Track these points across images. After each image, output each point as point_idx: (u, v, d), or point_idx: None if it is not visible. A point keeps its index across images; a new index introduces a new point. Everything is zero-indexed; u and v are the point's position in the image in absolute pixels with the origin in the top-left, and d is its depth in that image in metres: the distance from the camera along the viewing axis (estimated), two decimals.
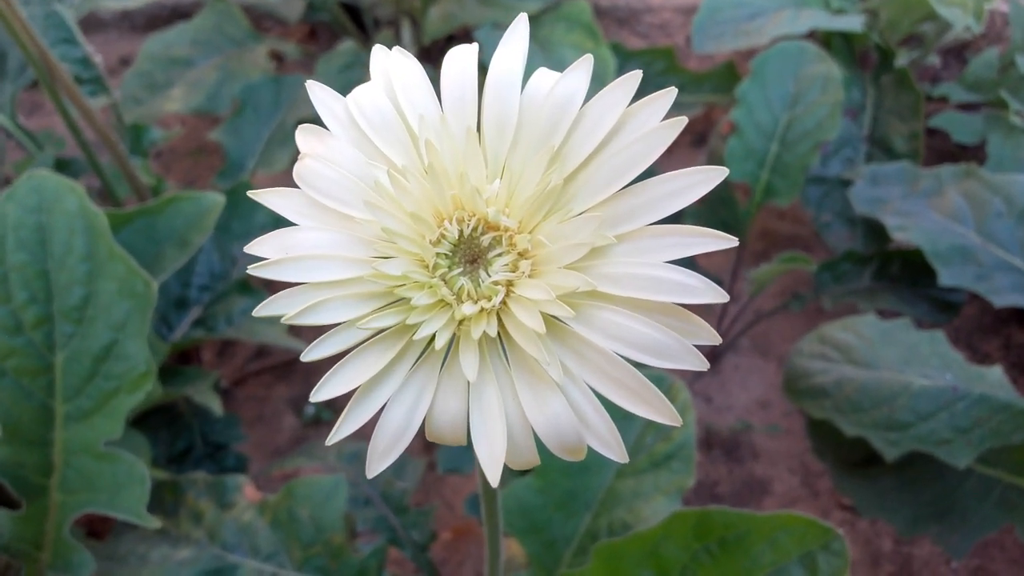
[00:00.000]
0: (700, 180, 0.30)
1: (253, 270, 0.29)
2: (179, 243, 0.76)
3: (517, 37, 0.31)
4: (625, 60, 1.27)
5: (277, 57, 1.32)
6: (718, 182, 0.30)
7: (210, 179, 1.27)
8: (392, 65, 0.32)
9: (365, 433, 0.31)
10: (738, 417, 1.05)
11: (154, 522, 0.67)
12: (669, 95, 0.30)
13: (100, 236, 0.67)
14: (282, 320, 0.29)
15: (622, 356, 0.30)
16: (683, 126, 0.29)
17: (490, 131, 0.31)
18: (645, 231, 0.30)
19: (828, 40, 1.21)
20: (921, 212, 0.96)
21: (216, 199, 0.76)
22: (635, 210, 0.30)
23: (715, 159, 1.04)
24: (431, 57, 1.34)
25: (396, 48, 0.32)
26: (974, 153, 1.24)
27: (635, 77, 0.30)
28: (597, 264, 0.30)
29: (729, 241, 0.29)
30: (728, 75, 1.27)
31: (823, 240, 1.09)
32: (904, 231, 0.93)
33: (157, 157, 1.30)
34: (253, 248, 0.31)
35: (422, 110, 0.31)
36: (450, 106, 0.31)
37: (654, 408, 0.30)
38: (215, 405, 0.83)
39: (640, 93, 0.99)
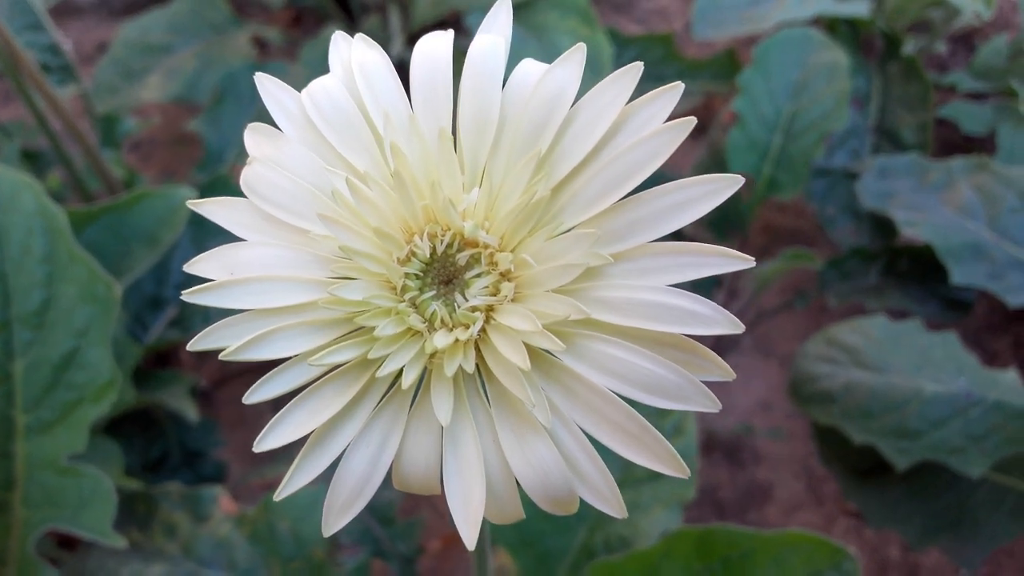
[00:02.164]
0: (711, 190, 0.25)
1: (188, 296, 0.25)
2: (149, 241, 0.71)
3: (499, 21, 0.27)
4: (622, 47, 1.22)
5: (260, 43, 1.27)
6: (732, 192, 0.26)
7: (190, 171, 1.22)
8: (354, 55, 0.27)
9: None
10: (739, 419, 1.01)
11: (120, 541, 0.63)
12: (675, 90, 0.25)
13: (60, 236, 0.63)
14: (220, 356, 0.25)
15: (619, 395, 0.25)
16: (691, 127, 0.25)
17: (467, 132, 0.26)
18: (647, 249, 0.26)
19: (833, 26, 1.16)
20: (931, 206, 0.92)
21: (187, 195, 0.72)
22: (635, 225, 0.26)
23: (715, 151, 1.00)
24: None
25: (359, 35, 0.28)
26: (982, 144, 1.20)
27: (635, 69, 0.25)
28: (591, 287, 0.26)
29: (746, 261, 0.25)
30: (728, 63, 1.22)
31: (827, 235, 1.05)
32: (914, 226, 0.89)
33: (135, 148, 1.25)
34: (193, 267, 0.27)
35: (388, 107, 0.27)
36: (421, 103, 0.27)
37: (657, 456, 0.25)
38: (190, 412, 0.79)
39: (637, 81, 0.93)
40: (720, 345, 1.06)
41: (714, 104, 1.29)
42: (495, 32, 0.27)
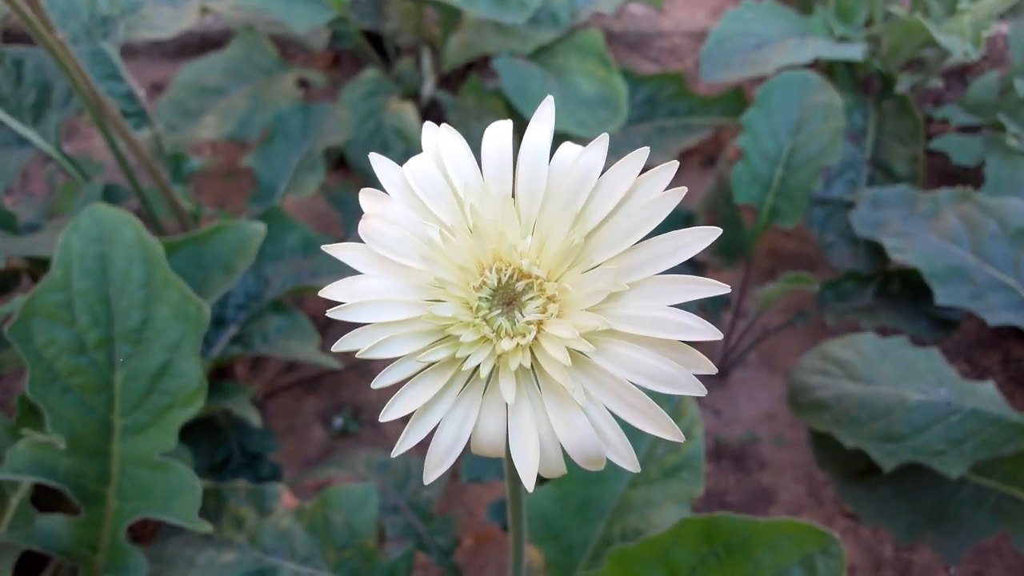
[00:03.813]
0: (697, 239, 0.35)
1: (332, 313, 0.35)
2: (225, 269, 0.82)
3: (544, 119, 0.37)
4: (636, 85, 1.33)
5: (303, 84, 1.38)
6: (713, 239, 0.35)
7: (240, 201, 1.33)
8: (441, 139, 0.38)
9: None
10: (746, 429, 1.10)
11: (206, 526, 0.73)
12: (671, 168, 0.35)
13: (156, 264, 0.73)
14: (357, 355, 0.35)
15: (634, 383, 0.35)
16: (683, 195, 0.35)
17: (524, 197, 0.36)
18: (653, 280, 0.36)
19: (832, 66, 1.26)
20: (920, 234, 1.01)
21: (258, 228, 0.82)
22: (644, 262, 0.35)
23: (722, 183, 1.10)
24: (450, 84, 1.40)
25: (444, 125, 0.38)
26: (975, 172, 1.29)
27: (642, 153, 0.35)
28: (613, 307, 0.35)
29: (721, 288, 0.35)
30: (736, 98, 1.33)
31: (827, 259, 1.14)
32: (902, 252, 0.98)
33: (191, 178, 1.36)
34: (327, 293, 0.37)
35: (466, 178, 0.37)
36: (490, 175, 0.37)
37: (661, 427, 0.35)
38: (254, 418, 0.89)
39: (651, 116, 1.05)
40: (729, 360, 1.15)
41: (723, 136, 1.39)
42: (542, 122, 0.37)
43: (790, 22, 1.20)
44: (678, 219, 1.18)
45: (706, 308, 1.09)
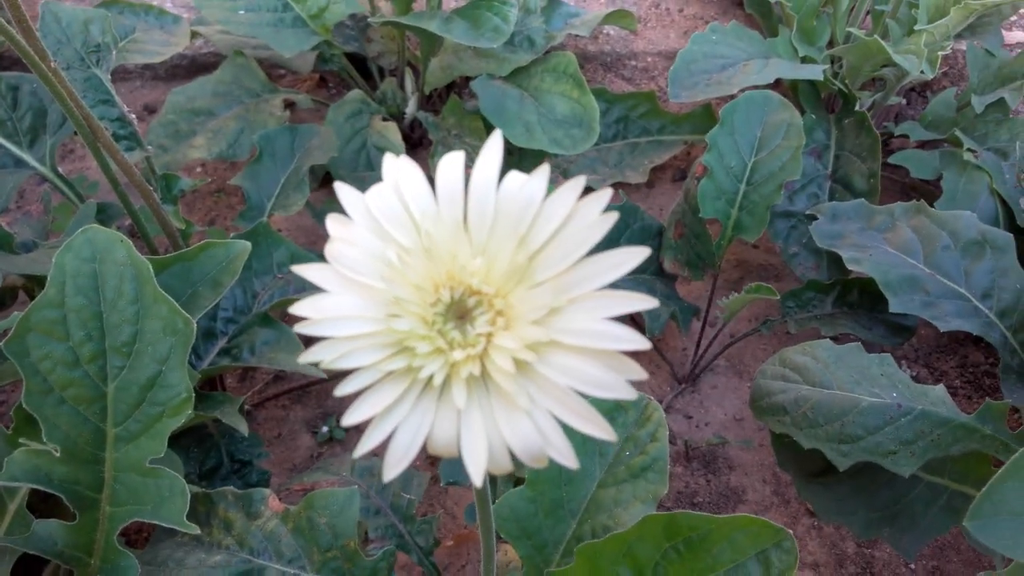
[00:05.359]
0: (629, 257, 0.40)
1: (299, 328, 0.40)
2: (212, 285, 0.86)
3: (493, 151, 0.42)
4: (611, 103, 1.38)
5: (290, 105, 1.43)
6: (645, 258, 0.40)
7: (229, 218, 1.38)
8: (400, 169, 0.42)
9: (376, 451, 0.41)
10: (715, 432, 1.14)
11: (195, 529, 0.77)
12: (606, 194, 0.40)
13: (146, 282, 0.78)
14: (320, 366, 0.39)
15: (573, 389, 0.40)
16: (614, 220, 0.39)
17: (474, 222, 0.41)
18: (590, 295, 0.40)
19: (795, 85, 1.31)
20: (876, 245, 1.06)
21: (244, 246, 0.87)
22: (582, 280, 0.40)
23: (689, 198, 1.15)
24: (432, 104, 1.45)
25: (403, 156, 0.43)
26: (934, 185, 1.34)
27: (579, 182, 0.40)
28: (554, 320, 0.40)
29: (650, 302, 0.40)
30: (706, 116, 1.38)
31: (791, 269, 1.20)
32: (859, 263, 1.03)
33: (181, 198, 1.40)
34: (296, 309, 0.41)
35: (422, 206, 0.41)
36: (443, 203, 0.41)
37: (597, 428, 0.40)
38: (242, 427, 0.93)
39: (624, 133, 1.11)
40: (699, 366, 1.20)
41: (695, 152, 1.45)
42: (491, 153, 0.42)
43: (754, 44, 1.25)
44: (651, 232, 1.23)
45: (676, 318, 1.13)
